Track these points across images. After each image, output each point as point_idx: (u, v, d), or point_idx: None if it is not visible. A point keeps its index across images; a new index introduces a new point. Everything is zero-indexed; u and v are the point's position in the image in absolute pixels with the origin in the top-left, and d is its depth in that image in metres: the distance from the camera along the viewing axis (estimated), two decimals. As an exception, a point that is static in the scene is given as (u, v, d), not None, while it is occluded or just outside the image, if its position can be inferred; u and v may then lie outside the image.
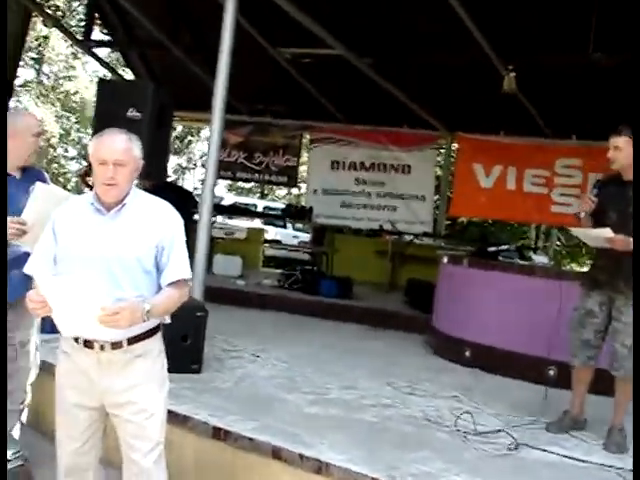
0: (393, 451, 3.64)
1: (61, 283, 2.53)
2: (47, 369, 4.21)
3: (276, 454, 3.48)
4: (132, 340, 2.68)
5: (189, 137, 31.08)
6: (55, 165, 26.52)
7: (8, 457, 3.87)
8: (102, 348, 2.67)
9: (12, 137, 3.62)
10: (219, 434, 3.71)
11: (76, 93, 23.58)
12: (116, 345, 2.67)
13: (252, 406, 4.21)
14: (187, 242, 2.86)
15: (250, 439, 3.59)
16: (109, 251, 2.64)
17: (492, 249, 6.95)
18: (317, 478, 3.34)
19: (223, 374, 4.97)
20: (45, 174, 3.97)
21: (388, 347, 6.89)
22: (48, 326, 4.23)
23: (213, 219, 11.41)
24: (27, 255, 2.95)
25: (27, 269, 2.78)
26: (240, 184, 30.22)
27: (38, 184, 3.52)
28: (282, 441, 3.55)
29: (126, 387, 2.72)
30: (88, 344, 2.68)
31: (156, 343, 2.81)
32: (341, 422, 4.10)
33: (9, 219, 3.41)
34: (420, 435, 4.02)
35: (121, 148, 2.69)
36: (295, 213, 13.27)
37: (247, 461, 3.59)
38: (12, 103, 10.49)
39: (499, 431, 4.16)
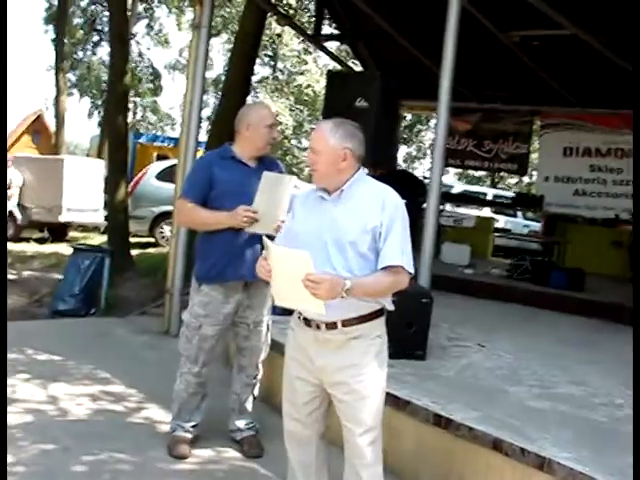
0: (623, 455, 3.39)
1: (280, 251, 2.71)
2: (277, 348, 4.46)
3: (497, 446, 3.41)
4: (346, 322, 2.77)
5: (418, 126, 31.19)
6: (289, 156, 27.83)
7: (241, 427, 4.15)
8: (318, 327, 2.81)
9: (246, 128, 3.87)
10: (440, 421, 3.71)
11: (308, 87, 24.54)
12: (331, 326, 2.79)
13: (474, 396, 4.16)
14: (416, 229, 2.88)
15: (471, 428, 3.55)
16: (326, 234, 2.78)
17: None
18: (539, 474, 3.23)
19: (447, 362, 4.95)
20: (280, 164, 4.18)
21: (622, 344, 6.42)
22: (278, 308, 4.49)
23: (442, 207, 11.48)
24: (258, 239, 3.15)
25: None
26: (471, 172, 29.88)
27: (265, 173, 3.73)
28: (503, 433, 3.47)
29: (339, 367, 2.81)
30: (307, 322, 2.84)
31: (374, 328, 2.84)
32: (567, 419, 3.92)
33: (242, 207, 3.66)
34: (655, 441, 3.74)
35: (316, 137, 2.85)
36: (525, 201, 12.88)
37: (467, 451, 3.56)
38: (250, 99, 11.13)
39: None
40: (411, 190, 4.56)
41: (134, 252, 10.71)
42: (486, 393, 4.27)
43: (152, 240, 13.38)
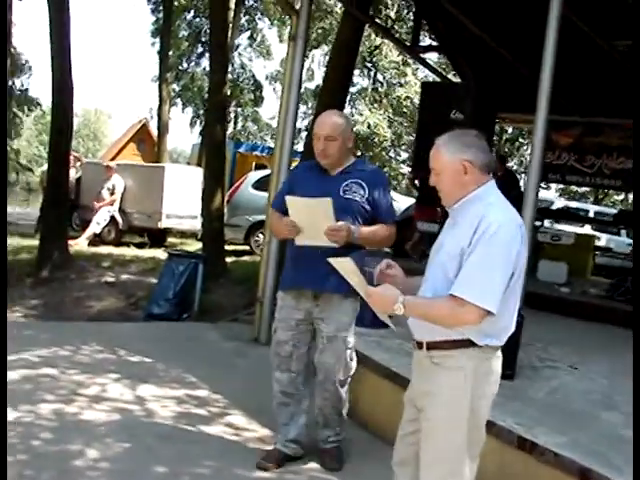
0: None
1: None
2: (364, 362, 4.38)
3: (583, 475, 3.27)
4: (431, 344, 2.63)
5: (520, 140, 30.50)
6: (386, 168, 27.76)
7: (324, 439, 4.08)
8: (413, 346, 2.74)
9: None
10: (524, 445, 3.58)
11: (407, 98, 24.37)
12: (419, 345, 2.69)
13: (562, 420, 4.00)
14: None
15: (556, 454, 3.41)
16: (436, 255, 2.69)
17: None
18: (629, 508, 3.06)
19: (536, 383, 4.80)
20: (376, 174, 4.06)
21: None
22: (367, 320, 4.41)
23: (539, 223, 11.15)
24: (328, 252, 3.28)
25: None
26: (574, 188, 28.96)
27: (287, 198, 3.73)
28: (591, 461, 3.32)
29: (423, 392, 2.68)
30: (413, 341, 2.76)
31: (457, 358, 2.59)
32: (663, 449, 3.70)
33: (285, 219, 3.73)
34: None
35: (433, 155, 2.69)
36: (629, 219, 12.34)
37: (552, 477, 3.41)
38: (347, 109, 11.11)
39: None
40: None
41: (229, 260, 10.88)
42: (576, 417, 4.11)
43: (247, 248, 13.56)
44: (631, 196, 25.42)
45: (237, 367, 6.06)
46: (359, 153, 27.49)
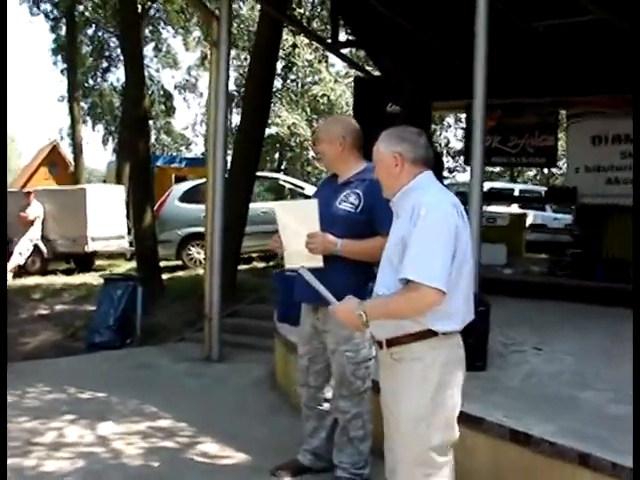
0: None
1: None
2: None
3: (583, 461, 3.17)
4: (389, 342, 2.66)
5: (432, 126, 30.95)
6: (309, 167, 27.68)
7: (336, 463, 3.78)
8: (376, 347, 2.84)
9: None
10: (517, 437, 3.47)
11: (323, 96, 24.20)
12: (379, 344, 2.72)
13: (545, 406, 3.93)
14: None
15: (552, 443, 3.32)
16: (386, 250, 2.76)
17: None
18: (636, 491, 2.99)
19: (508, 371, 4.74)
20: (367, 180, 3.62)
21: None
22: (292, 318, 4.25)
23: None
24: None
25: None
26: (488, 168, 29.56)
27: (275, 204, 3.72)
28: (588, 446, 3.23)
29: (387, 390, 2.74)
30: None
31: (415, 350, 2.59)
32: (652, 424, 3.67)
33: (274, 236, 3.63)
34: None
35: (374, 147, 2.81)
36: (558, 195, 12.60)
37: (550, 468, 3.32)
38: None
39: None
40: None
41: (164, 277, 10.56)
42: (557, 402, 4.04)
43: (180, 263, 13.23)
44: (547, 170, 26.15)
45: (194, 389, 5.82)
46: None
